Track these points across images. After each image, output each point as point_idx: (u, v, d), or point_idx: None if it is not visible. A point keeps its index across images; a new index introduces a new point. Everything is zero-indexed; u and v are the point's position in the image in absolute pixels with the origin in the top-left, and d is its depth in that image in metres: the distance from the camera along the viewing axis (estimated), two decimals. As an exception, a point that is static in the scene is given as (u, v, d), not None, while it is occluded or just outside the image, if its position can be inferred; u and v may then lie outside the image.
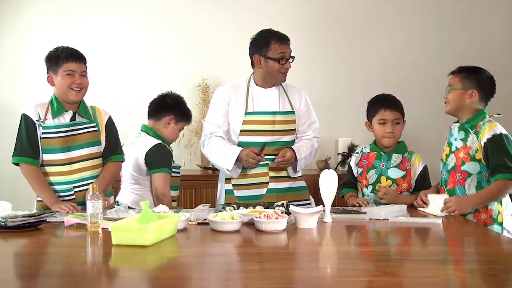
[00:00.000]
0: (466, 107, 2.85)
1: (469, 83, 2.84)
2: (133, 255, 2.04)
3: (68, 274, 1.84)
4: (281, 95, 3.17)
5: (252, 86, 3.15)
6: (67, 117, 2.96)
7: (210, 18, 4.88)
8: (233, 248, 2.24)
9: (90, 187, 2.43)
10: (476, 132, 2.78)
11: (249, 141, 3.09)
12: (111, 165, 3.07)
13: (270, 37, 3.05)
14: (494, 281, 1.77)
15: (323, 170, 2.68)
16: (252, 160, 2.97)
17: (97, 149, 3.02)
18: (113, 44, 4.88)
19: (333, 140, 4.84)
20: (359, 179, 3.20)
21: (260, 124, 3.10)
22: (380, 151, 3.15)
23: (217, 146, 3.08)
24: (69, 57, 2.93)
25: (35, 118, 2.91)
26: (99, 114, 3.09)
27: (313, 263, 2.01)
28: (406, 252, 2.20)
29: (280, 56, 3.04)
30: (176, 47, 4.88)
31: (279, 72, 3.07)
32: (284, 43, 3.05)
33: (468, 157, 2.78)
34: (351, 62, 4.93)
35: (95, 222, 2.36)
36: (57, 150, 2.91)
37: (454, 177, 2.84)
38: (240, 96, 3.13)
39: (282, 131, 3.13)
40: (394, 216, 2.65)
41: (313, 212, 2.46)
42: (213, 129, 3.14)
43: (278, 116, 3.12)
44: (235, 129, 3.12)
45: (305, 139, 3.19)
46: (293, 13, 4.88)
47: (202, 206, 2.79)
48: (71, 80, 2.91)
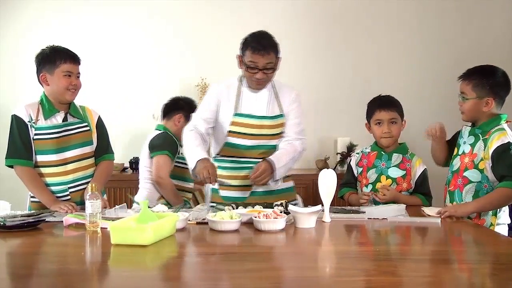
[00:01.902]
0: (483, 115, 2.77)
1: (483, 90, 2.73)
2: (132, 254, 2.04)
3: (67, 274, 1.84)
4: (271, 98, 3.08)
5: (243, 86, 3.08)
6: (59, 118, 2.97)
7: (209, 18, 4.89)
8: (232, 248, 2.23)
9: (89, 187, 2.43)
10: (485, 140, 2.72)
11: (236, 143, 3.02)
12: (104, 163, 3.10)
13: (248, 43, 2.93)
14: (493, 280, 1.77)
15: (322, 169, 2.69)
16: (205, 175, 2.79)
17: (90, 148, 3.04)
18: (112, 44, 4.89)
19: (332, 140, 4.85)
20: (359, 178, 3.20)
21: (248, 127, 3.02)
22: (381, 150, 3.16)
23: (189, 143, 2.98)
24: (68, 58, 2.93)
25: (26, 119, 2.91)
26: (89, 114, 3.10)
27: (312, 263, 2.00)
28: (405, 251, 2.20)
29: (250, 65, 2.91)
30: (175, 47, 4.89)
31: (251, 79, 2.98)
32: (257, 53, 2.88)
33: (472, 164, 2.74)
34: (350, 62, 4.94)
35: (94, 222, 2.36)
36: (51, 151, 2.91)
37: (456, 180, 2.82)
38: (231, 95, 3.06)
39: (269, 136, 3.06)
40: (393, 215, 2.65)
41: (312, 212, 2.46)
42: (198, 122, 3.05)
43: (266, 121, 3.04)
44: (224, 129, 3.04)
45: (288, 143, 3.07)
46: (293, 13, 4.89)
47: (201, 205, 2.79)
48: (68, 81, 2.92)
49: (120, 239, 2.13)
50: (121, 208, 2.75)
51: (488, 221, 2.73)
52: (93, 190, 2.40)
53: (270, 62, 2.93)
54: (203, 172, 2.77)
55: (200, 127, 3.02)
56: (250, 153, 3.03)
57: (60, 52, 2.94)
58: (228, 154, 3.04)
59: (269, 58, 2.91)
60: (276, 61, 2.96)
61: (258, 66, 2.91)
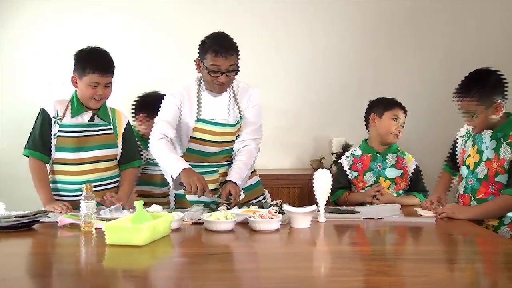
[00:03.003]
0: (496, 119, 2.70)
1: (488, 99, 2.64)
2: (127, 255, 2.04)
3: (61, 274, 1.84)
4: (231, 101, 3.02)
5: (202, 90, 3.00)
6: (86, 117, 2.95)
7: (205, 18, 4.86)
8: (227, 248, 2.24)
9: (83, 187, 2.42)
10: (509, 143, 2.64)
11: (199, 150, 3.00)
12: (129, 171, 3.07)
13: (209, 46, 2.85)
14: (488, 280, 1.78)
15: (317, 170, 2.69)
16: (197, 186, 2.71)
17: (110, 151, 3.00)
18: (109, 44, 4.82)
19: (327, 140, 4.84)
20: (355, 182, 3.20)
21: (210, 134, 2.98)
22: (374, 152, 3.16)
23: (163, 152, 2.87)
24: (96, 69, 2.85)
25: (52, 115, 2.90)
26: (118, 118, 3.07)
27: (307, 263, 2.01)
28: (400, 251, 2.20)
29: (213, 69, 2.84)
30: (171, 47, 4.85)
31: (213, 83, 2.89)
32: (221, 56, 2.81)
33: (503, 169, 2.65)
34: (346, 62, 4.93)
35: (89, 222, 2.36)
36: (69, 150, 2.90)
37: (487, 188, 2.70)
38: (192, 99, 2.98)
39: (232, 142, 3.04)
40: (388, 215, 2.66)
41: (307, 212, 2.46)
42: (166, 129, 2.93)
43: (228, 128, 3.00)
44: (185, 134, 2.99)
45: (245, 147, 3.03)
46: (287, 13, 4.87)
47: (196, 206, 2.79)
48: (93, 91, 2.87)
49: (115, 239, 2.13)
50: (116, 209, 2.75)
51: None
52: (87, 190, 2.39)
53: (233, 64, 2.87)
54: (195, 184, 2.70)
55: (169, 134, 2.93)
56: (214, 159, 3.03)
57: (92, 60, 2.87)
58: (191, 160, 2.94)
59: (232, 60, 2.85)
60: (237, 62, 2.89)
61: (222, 70, 2.84)
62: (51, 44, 4.69)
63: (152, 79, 4.72)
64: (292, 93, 4.86)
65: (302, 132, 4.91)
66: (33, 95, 4.57)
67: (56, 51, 4.58)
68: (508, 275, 1.82)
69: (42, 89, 4.57)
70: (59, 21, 4.78)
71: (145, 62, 4.83)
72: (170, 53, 4.80)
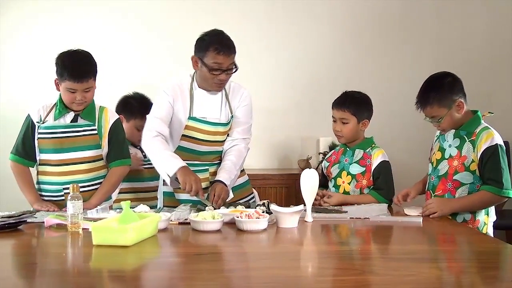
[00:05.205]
0: (461, 118, 2.75)
1: (448, 101, 2.72)
2: (113, 255, 2.03)
3: (48, 275, 1.83)
4: (223, 100, 3.02)
5: (195, 88, 3.00)
6: (68, 118, 2.92)
7: (194, 18, 4.84)
8: (214, 248, 2.23)
9: (70, 187, 2.41)
10: (472, 141, 2.70)
11: (191, 148, 2.99)
12: (114, 169, 3.01)
13: (210, 42, 2.84)
14: (474, 278, 1.79)
15: (304, 169, 2.69)
16: (193, 187, 2.71)
17: (94, 152, 2.96)
18: (103, 43, 4.80)
19: (314, 140, 4.85)
20: (327, 173, 3.21)
21: (202, 133, 2.97)
22: (346, 146, 3.16)
23: (158, 150, 2.87)
24: (71, 76, 2.80)
25: (36, 120, 2.91)
26: (105, 117, 3.00)
27: (294, 262, 2.01)
28: (387, 250, 2.21)
29: (214, 66, 2.84)
30: (166, 47, 4.82)
31: (212, 81, 2.90)
32: (223, 53, 2.82)
33: (463, 167, 2.71)
34: (332, 62, 4.94)
35: (76, 223, 2.34)
36: (50, 151, 2.90)
37: (445, 185, 2.77)
38: (185, 96, 2.98)
39: (222, 142, 3.05)
40: (375, 215, 2.67)
41: (294, 212, 2.46)
42: (160, 126, 2.92)
43: (220, 128, 3.01)
44: (177, 131, 2.98)
45: (234, 147, 3.03)
46: (279, 12, 4.87)
47: (183, 205, 2.79)
48: (72, 96, 2.85)
49: (101, 239, 2.12)
50: (103, 209, 2.73)
51: (481, 221, 2.73)
52: (74, 190, 2.38)
53: (233, 62, 2.90)
54: (191, 184, 2.70)
55: (164, 132, 2.92)
56: (205, 158, 3.02)
57: (68, 66, 2.82)
58: (182, 158, 2.89)
59: (232, 58, 2.88)
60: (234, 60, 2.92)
61: (223, 67, 2.85)
62: (38, 46, 4.66)
63: (142, 79, 4.72)
64: (280, 93, 4.87)
65: (289, 132, 4.92)
66: (19, 98, 4.55)
67: (43, 53, 4.51)
68: (493, 273, 1.84)
69: (28, 92, 4.55)
70: (47, 22, 4.75)
71: (136, 62, 4.81)
72: (160, 53, 4.79)
